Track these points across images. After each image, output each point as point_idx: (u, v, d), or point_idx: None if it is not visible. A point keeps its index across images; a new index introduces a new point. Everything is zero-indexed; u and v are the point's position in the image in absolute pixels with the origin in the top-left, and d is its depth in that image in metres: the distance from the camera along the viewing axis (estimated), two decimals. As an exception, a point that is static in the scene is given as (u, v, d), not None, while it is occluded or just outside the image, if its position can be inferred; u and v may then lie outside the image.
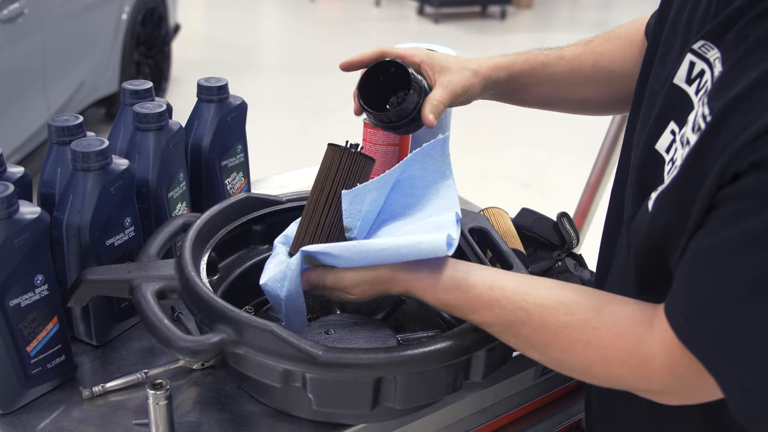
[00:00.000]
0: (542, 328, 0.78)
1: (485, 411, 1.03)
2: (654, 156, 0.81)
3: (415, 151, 0.96)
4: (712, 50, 0.74)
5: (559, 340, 0.77)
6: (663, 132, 0.81)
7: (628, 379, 0.75)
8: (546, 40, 6.65)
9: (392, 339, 0.97)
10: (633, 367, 0.73)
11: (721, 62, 0.72)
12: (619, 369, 0.74)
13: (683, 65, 0.79)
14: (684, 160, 0.71)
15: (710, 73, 0.74)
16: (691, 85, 0.78)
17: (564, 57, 1.11)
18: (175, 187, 1.13)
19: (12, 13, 2.99)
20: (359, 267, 0.86)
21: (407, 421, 0.93)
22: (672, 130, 0.80)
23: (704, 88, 0.74)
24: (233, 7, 7.43)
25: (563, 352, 0.77)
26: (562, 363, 0.79)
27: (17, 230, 0.85)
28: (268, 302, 1.05)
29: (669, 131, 0.80)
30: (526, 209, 1.14)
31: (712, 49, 0.74)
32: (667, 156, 0.79)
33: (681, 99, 0.79)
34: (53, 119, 1.02)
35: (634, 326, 0.74)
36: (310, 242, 0.92)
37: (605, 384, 0.79)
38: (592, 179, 2.09)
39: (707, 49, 0.75)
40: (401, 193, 0.98)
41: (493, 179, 4.09)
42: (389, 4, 7.91)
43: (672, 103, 0.80)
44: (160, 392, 0.82)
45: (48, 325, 0.92)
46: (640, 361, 0.72)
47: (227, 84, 1.21)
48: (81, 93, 3.63)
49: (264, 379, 0.85)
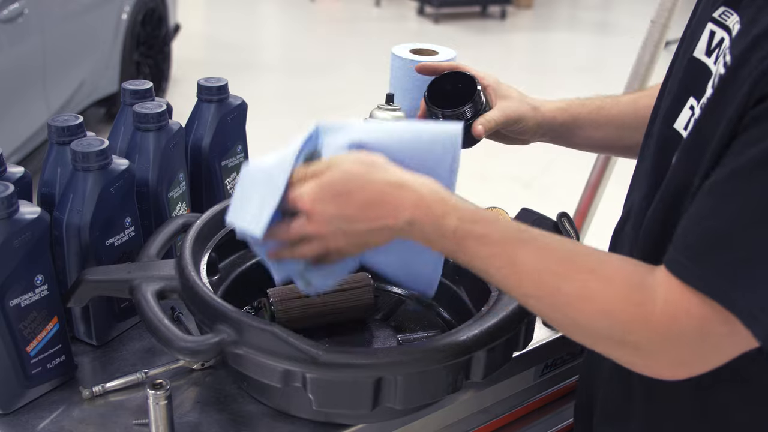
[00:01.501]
0: (547, 250, 0.74)
1: (485, 411, 1.03)
2: (673, 135, 0.80)
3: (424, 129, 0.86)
4: (732, 16, 0.74)
5: (561, 265, 0.72)
6: (682, 110, 0.80)
7: (622, 319, 0.69)
8: (546, 40, 6.60)
9: (392, 339, 0.97)
10: (632, 305, 0.68)
11: (740, 25, 0.72)
12: (618, 305, 0.69)
13: (703, 36, 0.79)
14: (706, 102, 0.71)
15: (729, 39, 0.74)
16: (710, 56, 0.78)
17: (621, 101, 1.13)
18: (175, 187, 1.13)
19: (12, 13, 2.99)
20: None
21: (407, 421, 0.93)
22: (691, 106, 0.79)
23: (723, 53, 0.74)
24: (233, 7, 7.43)
25: (563, 279, 0.72)
26: (558, 291, 0.72)
27: (17, 230, 0.85)
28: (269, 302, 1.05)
29: (688, 107, 0.79)
30: (526, 209, 1.14)
31: (731, 15, 0.74)
32: (686, 133, 0.78)
33: (700, 72, 0.78)
34: (53, 119, 1.02)
35: (638, 269, 0.71)
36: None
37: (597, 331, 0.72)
38: (592, 179, 2.08)
39: (727, 15, 0.75)
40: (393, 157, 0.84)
41: (494, 179, 4.09)
42: (389, 4, 7.91)
43: (691, 77, 0.80)
44: (160, 392, 0.82)
45: (48, 325, 0.92)
46: (640, 301, 0.68)
47: (227, 84, 1.21)
48: (81, 93, 3.63)
49: (264, 380, 0.85)
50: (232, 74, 1.53)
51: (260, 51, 6.43)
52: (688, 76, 0.81)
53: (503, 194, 3.86)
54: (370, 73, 5.42)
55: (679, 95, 0.81)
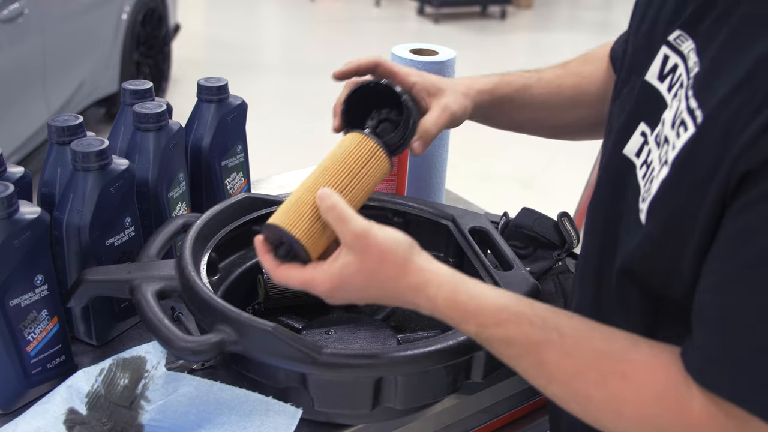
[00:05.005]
0: (575, 353, 0.69)
1: (485, 411, 1.03)
2: (624, 162, 0.77)
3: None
4: (687, 41, 0.71)
5: (591, 369, 0.68)
6: (632, 135, 0.77)
7: (662, 422, 0.66)
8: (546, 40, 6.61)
9: (392, 339, 0.97)
10: (669, 407, 0.65)
11: (696, 53, 0.69)
12: (654, 408, 0.65)
13: (657, 60, 0.76)
14: (673, 161, 0.66)
15: (684, 67, 0.71)
16: (663, 81, 0.74)
17: (544, 79, 1.07)
18: (175, 187, 1.13)
19: (12, 13, 2.99)
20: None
21: (407, 421, 0.93)
22: (642, 132, 0.76)
23: (678, 82, 0.71)
24: (233, 7, 7.43)
25: (594, 386, 0.68)
26: (589, 399, 0.69)
27: (17, 230, 0.85)
28: (269, 303, 1.05)
29: (639, 133, 0.76)
30: (526, 209, 1.14)
31: (687, 40, 0.71)
32: (638, 160, 0.75)
33: (654, 98, 0.75)
34: (53, 119, 1.02)
35: (673, 360, 0.66)
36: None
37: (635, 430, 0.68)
38: (592, 179, 2.08)
39: (682, 40, 0.72)
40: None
41: (494, 179, 4.09)
42: (389, 4, 7.91)
43: (643, 102, 0.77)
44: (160, 392, 0.82)
45: (48, 325, 0.92)
46: (677, 401, 0.64)
47: (227, 84, 1.21)
48: (81, 93, 3.63)
49: (264, 380, 0.85)
50: (232, 74, 1.53)
51: (260, 51, 6.43)
52: (640, 101, 0.77)
53: (503, 194, 3.86)
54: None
55: (630, 119, 0.78)
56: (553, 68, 1.10)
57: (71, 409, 0.86)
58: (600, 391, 0.68)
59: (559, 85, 1.07)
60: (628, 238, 0.74)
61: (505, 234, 1.12)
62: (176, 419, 0.86)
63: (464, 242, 1.06)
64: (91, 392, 0.87)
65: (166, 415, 0.86)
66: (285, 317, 1.03)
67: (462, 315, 0.74)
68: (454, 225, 1.09)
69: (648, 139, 0.74)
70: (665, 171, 0.68)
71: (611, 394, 0.67)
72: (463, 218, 1.10)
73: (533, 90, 1.06)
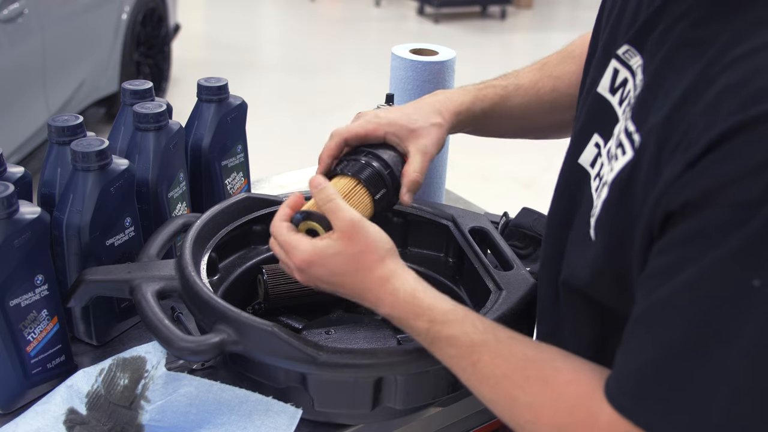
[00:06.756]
0: (507, 356, 0.73)
1: (485, 411, 1.02)
2: (578, 171, 0.77)
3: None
4: (635, 57, 0.70)
5: (517, 372, 0.72)
6: (586, 145, 0.77)
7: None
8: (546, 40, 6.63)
9: (392, 339, 0.97)
10: (580, 419, 0.67)
11: (642, 70, 0.68)
12: (567, 418, 0.67)
13: (607, 73, 0.75)
14: (611, 183, 0.66)
15: (633, 82, 0.70)
16: (614, 94, 0.74)
17: (522, 86, 1.05)
18: (175, 187, 1.13)
19: (12, 13, 2.99)
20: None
21: (407, 421, 0.93)
22: (596, 143, 0.75)
23: (627, 98, 0.71)
24: (233, 7, 7.43)
25: (518, 388, 0.71)
26: (514, 402, 0.71)
27: (17, 230, 0.85)
28: (269, 302, 1.05)
29: (593, 144, 0.76)
30: (526, 209, 1.14)
31: (635, 55, 0.70)
32: (593, 171, 0.75)
33: (605, 109, 0.74)
34: (53, 119, 1.02)
35: (593, 377, 0.68)
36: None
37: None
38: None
39: (630, 55, 0.71)
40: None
41: (494, 179, 4.09)
42: (389, 4, 7.91)
43: (596, 113, 0.76)
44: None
45: (48, 325, 0.92)
46: (588, 414, 0.66)
47: (227, 84, 1.21)
48: (81, 93, 3.63)
49: (264, 380, 0.85)
50: (232, 74, 1.53)
51: (260, 51, 6.44)
52: (593, 111, 0.77)
53: (503, 194, 3.86)
54: (370, 73, 5.42)
55: (585, 129, 0.78)
56: (531, 71, 1.08)
57: (71, 409, 0.86)
58: (523, 394, 0.71)
59: (537, 91, 1.06)
60: (577, 250, 0.74)
61: (505, 234, 1.12)
62: (176, 419, 0.86)
63: (464, 242, 1.06)
64: (91, 392, 0.87)
65: (166, 415, 0.86)
66: (285, 317, 1.03)
67: (417, 310, 0.79)
68: (454, 225, 1.09)
69: (601, 151, 0.74)
70: (605, 192, 0.68)
71: (532, 398, 0.70)
72: (463, 218, 1.10)
73: (512, 101, 1.05)
